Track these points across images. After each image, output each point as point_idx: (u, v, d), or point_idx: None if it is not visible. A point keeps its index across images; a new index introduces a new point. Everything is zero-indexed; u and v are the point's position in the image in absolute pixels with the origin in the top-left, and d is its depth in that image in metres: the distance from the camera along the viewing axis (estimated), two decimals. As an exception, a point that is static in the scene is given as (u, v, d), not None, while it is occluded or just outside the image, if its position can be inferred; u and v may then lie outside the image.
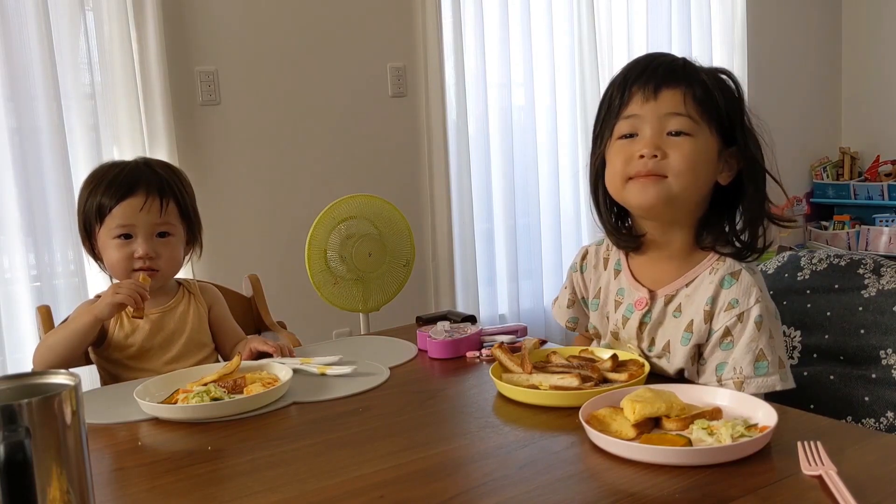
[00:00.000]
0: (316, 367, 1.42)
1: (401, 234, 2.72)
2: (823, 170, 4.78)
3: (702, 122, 1.26)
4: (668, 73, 1.28)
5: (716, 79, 1.29)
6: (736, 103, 1.30)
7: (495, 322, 3.59)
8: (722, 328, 1.24)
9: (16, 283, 2.60)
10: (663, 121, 1.26)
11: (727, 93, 1.29)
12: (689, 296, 1.29)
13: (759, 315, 1.23)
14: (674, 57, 1.32)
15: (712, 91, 1.27)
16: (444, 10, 3.34)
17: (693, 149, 1.26)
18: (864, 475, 0.90)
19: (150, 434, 1.19)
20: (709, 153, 1.27)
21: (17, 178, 2.55)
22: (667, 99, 1.27)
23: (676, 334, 1.28)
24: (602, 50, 3.80)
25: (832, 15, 4.81)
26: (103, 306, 1.48)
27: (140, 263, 1.56)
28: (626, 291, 1.36)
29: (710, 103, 1.27)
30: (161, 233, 1.59)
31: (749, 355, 1.22)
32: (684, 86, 1.27)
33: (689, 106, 1.26)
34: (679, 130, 1.26)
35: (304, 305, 2.84)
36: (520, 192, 3.66)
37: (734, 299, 1.24)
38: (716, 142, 1.27)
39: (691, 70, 1.29)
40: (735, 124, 1.29)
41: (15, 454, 0.74)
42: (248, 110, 3.05)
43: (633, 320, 1.33)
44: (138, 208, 1.56)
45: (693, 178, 1.26)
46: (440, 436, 1.13)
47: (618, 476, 0.94)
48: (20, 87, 2.55)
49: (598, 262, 1.43)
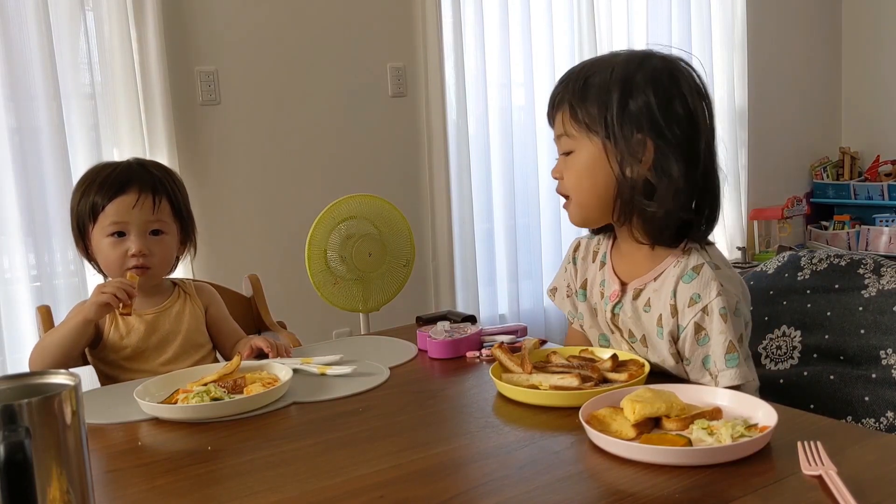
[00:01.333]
0: (316, 367, 1.42)
1: (401, 234, 2.72)
2: (823, 170, 4.78)
3: (578, 135, 1.29)
4: (553, 98, 1.33)
5: (602, 72, 1.27)
6: (620, 95, 1.24)
7: (495, 322, 3.59)
8: (691, 324, 1.25)
9: (16, 283, 2.60)
10: (559, 142, 1.34)
11: (609, 84, 1.25)
12: (657, 290, 1.30)
13: (722, 307, 1.24)
14: (570, 72, 1.32)
15: (586, 100, 1.27)
16: (444, 10, 3.34)
17: (574, 166, 1.31)
18: (864, 475, 0.90)
19: (150, 434, 1.19)
20: (590, 161, 1.28)
21: (17, 178, 2.55)
22: (556, 123, 1.34)
23: (651, 328, 1.30)
24: (602, 50, 3.80)
25: (832, 14, 4.81)
26: (89, 306, 1.48)
27: (133, 261, 1.56)
28: (607, 283, 1.38)
29: (583, 109, 1.27)
30: (154, 230, 1.59)
31: (720, 348, 1.23)
32: (563, 107, 1.30)
33: (566, 123, 1.30)
34: (565, 150, 1.32)
35: (304, 305, 2.84)
36: (520, 192, 3.66)
37: (696, 294, 1.25)
38: (597, 145, 1.27)
39: (577, 78, 1.29)
40: (614, 119, 1.25)
41: (15, 454, 0.74)
42: (248, 110, 3.04)
43: (607, 312, 1.36)
44: (131, 206, 1.56)
45: (587, 189, 1.30)
46: (440, 436, 1.13)
47: (618, 476, 0.94)
48: (20, 86, 2.55)
49: (587, 254, 1.46)
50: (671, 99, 1.24)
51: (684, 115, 1.25)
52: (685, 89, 1.26)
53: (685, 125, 1.24)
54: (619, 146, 1.25)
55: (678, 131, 1.24)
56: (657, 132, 1.23)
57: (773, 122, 4.49)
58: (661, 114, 1.23)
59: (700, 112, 1.26)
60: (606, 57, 1.32)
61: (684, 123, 1.24)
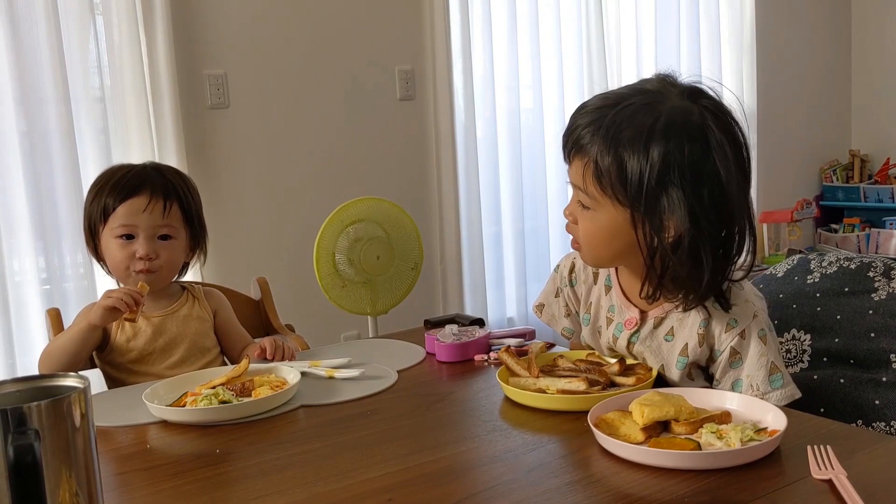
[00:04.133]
0: (324, 370, 1.42)
1: (409, 236, 2.72)
2: (833, 172, 4.76)
3: (601, 198, 1.18)
4: (577, 138, 1.19)
5: (636, 139, 1.13)
6: (665, 168, 1.12)
7: (503, 325, 3.58)
8: (727, 349, 1.22)
9: (26, 286, 2.61)
10: (574, 189, 1.24)
11: (643, 159, 1.13)
12: (681, 319, 1.26)
13: (761, 329, 1.22)
14: (599, 111, 1.18)
15: (619, 162, 1.14)
16: (452, 13, 3.34)
17: (592, 224, 1.21)
18: (874, 479, 0.90)
19: (158, 437, 1.19)
20: (612, 227, 1.19)
21: (27, 181, 2.56)
22: (574, 168, 1.22)
23: (671, 358, 1.26)
24: (611, 52, 3.80)
25: (842, 16, 4.79)
26: (95, 311, 1.48)
27: (140, 264, 1.57)
28: (617, 309, 1.33)
29: (614, 177, 1.15)
30: (163, 235, 1.59)
31: (762, 371, 1.20)
32: (587, 156, 1.18)
33: (589, 182, 1.18)
34: (582, 203, 1.22)
35: (312, 308, 2.85)
36: (528, 195, 3.65)
37: (732, 319, 1.22)
38: (623, 214, 1.17)
39: (607, 131, 1.15)
40: (646, 196, 1.14)
41: (24, 456, 0.75)
42: (257, 113, 3.05)
43: (622, 339, 1.31)
44: (141, 209, 1.56)
45: (601, 249, 1.23)
46: (448, 439, 1.13)
47: (627, 480, 0.94)
48: (30, 90, 2.56)
49: (587, 276, 1.41)
50: (708, 175, 1.13)
51: (719, 192, 1.14)
52: (721, 162, 1.13)
53: (719, 203, 1.14)
54: (647, 225, 1.16)
55: (712, 214, 1.14)
56: (691, 216, 1.13)
57: (782, 125, 4.48)
58: (695, 196, 1.13)
59: (735, 183, 1.14)
60: (640, 104, 1.16)
61: (718, 200, 1.14)
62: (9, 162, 2.55)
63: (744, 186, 1.18)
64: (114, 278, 1.66)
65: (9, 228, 2.55)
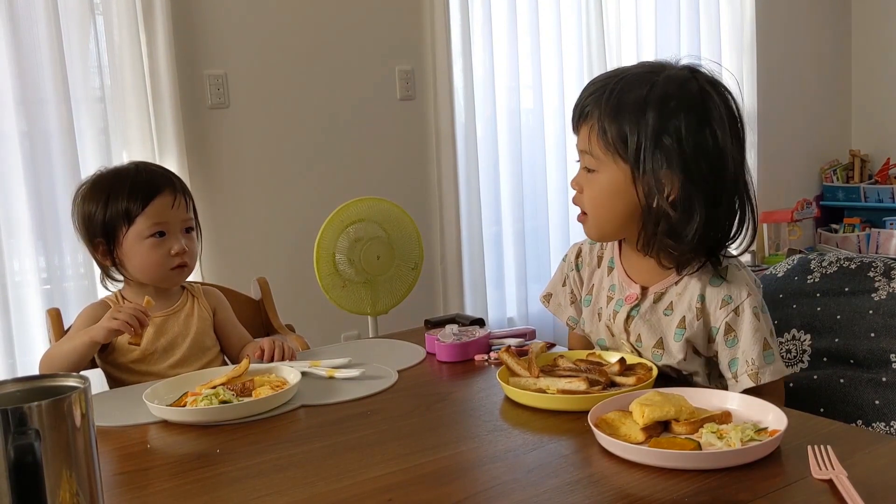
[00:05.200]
0: (324, 370, 1.42)
1: (409, 236, 2.72)
2: (833, 172, 4.76)
3: (605, 157, 1.26)
4: (582, 108, 1.29)
5: (636, 100, 1.22)
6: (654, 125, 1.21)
7: (504, 325, 3.58)
8: (722, 325, 1.26)
9: (26, 286, 2.61)
10: (581, 156, 1.31)
11: (641, 116, 1.21)
12: (681, 294, 1.31)
13: (754, 306, 1.26)
14: (604, 81, 1.27)
15: (620, 121, 1.23)
16: (452, 13, 3.34)
17: (597, 186, 1.28)
18: (874, 479, 0.90)
19: (158, 437, 1.19)
20: (614, 185, 1.26)
21: (28, 182, 2.56)
22: (581, 134, 1.30)
23: (669, 331, 1.30)
24: (611, 52, 3.80)
25: (842, 16, 4.79)
26: (100, 329, 1.48)
27: (178, 260, 1.59)
28: (618, 287, 1.38)
29: (615, 134, 1.23)
30: (187, 228, 1.63)
31: (757, 346, 1.24)
32: (593, 119, 1.26)
33: (594, 143, 1.27)
34: (587, 167, 1.30)
35: (312, 308, 2.85)
36: (528, 195, 3.65)
37: (727, 296, 1.27)
38: (624, 172, 1.24)
39: (610, 97, 1.24)
40: (643, 154, 1.22)
41: (25, 456, 0.75)
42: (257, 113, 3.05)
43: (622, 314, 1.35)
44: (170, 206, 1.60)
45: (606, 212, 1.29)
46: (448, 439, 1.13)
47: (627, 480, 0.94)
48: (30, 90, 2.56)
49: (591, 259, 1.45)
50: (703, 133, 1.21)
51: (714, 150, 1.22)
52: (717, 123, 1.22)
53: (714, 161, 1.22)
54: (647, 178, 1.22)
55: (705, 168, 1.21)
56: (684, 169, 1.21)
57: (782, 125, 4.48)
58: (690, 151, 1.21)
59: (730, 145, 1.23)
60: (641, 72, 1.26)
61: (713, 158, 1.22)
62: (9, 162, 2.54)
63: (740, 152, 1.25)
64: (131, 281, 1.64)
65: (9, 228, 2.55)
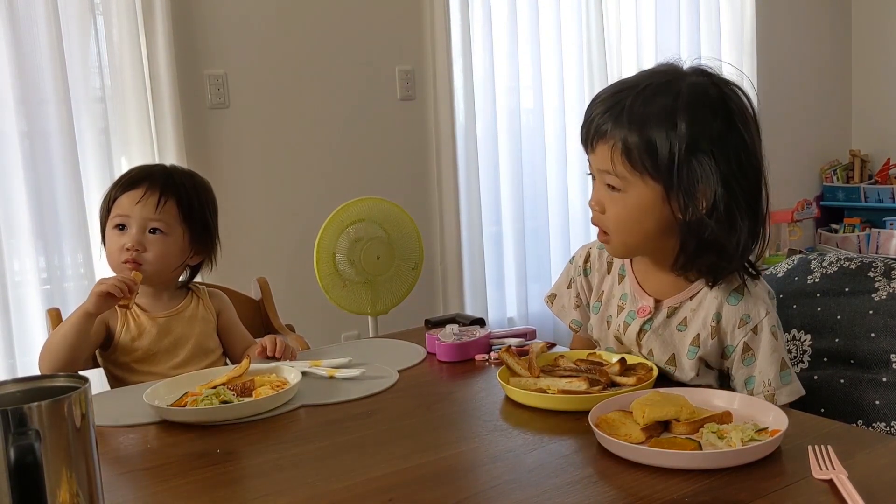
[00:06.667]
0: (325, 370, 1.42)
1: (409, 236, 2.72)
2: (833, 172, 4.76)
3: (631, 176, 1.19)
4: (599, 125, 1.21)
5: (661, 114, 1.16)
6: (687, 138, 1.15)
7: (504, 325, 3.58)
8: (740, 344, 1.23)
9: (26, 286, 2.61)
10: (601, 175, 1.24)
11: (672, 131, 1.16)
12: (695, 310, 1.27)
13: (772, 325, 1.24)
14: (615, 96, 1.21)
15: (647, 138, 1.17)
16: (452, 14, 3.34)
17: (623, 206, 1.22)
18: (874, 479, 0.90)
19: (159, 436, 1.19)
20: (644, 204, 1.20)
21: (28, 182, 2.56)
22: (599, 154, 1.22)
23: (682, 348, 1.27)
24: (611, 53, 3.80)
25: (842, 16, 4.80)
26: (90, 298, 1.49)
27: (126, 255, 1.57)
28: (630, 298, 1.34)
29: (643, 152, 1.17)
30: (153, 229, 1.60)
31: (774, 366, 1.22)
32: (613, 138, 1.19)
33: (617, 162, 1.19)
34: (611, 186, 1.22)
35: (312, 308, 2.85)
36: (528, 195, 3.65)
37: (745, 315, 1.24)
38: (654, 189, 1.19)
39: (631, 112, 1.18)
40: (677, 168, 1.16)
41: (25, 457, 0.75)
42: (257, 113, 3.05)
43: (634, 326, 1.31)
44: (135, 201, 1.59)
45: (632, 232, 1.23)
46: (449, 439, 1.13)
47: (627, 480, 0.94)
48: (30, 90, 2.56)
49: (601, 265, 1.41)
50: (734, 138, 1.17)
51: (745, 153, 1.18)
52: (742, 125, 1.18)
53: (748, 165, 1.18)
54: (681, 191, 1.17)
55: (742, 174, 1.17)
56: (723, 177, 1.16)
57: (782, 125, 4.48)
58: (727, 158, 1.16)
59: (758, 145, 1.19)
60: (657, 82, 1.20)
61: (748, 163, 1.18)
62: (9, 162, 2.54)
63: (761, 152, 1.21)
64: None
65: (9, 228, 2.55)
